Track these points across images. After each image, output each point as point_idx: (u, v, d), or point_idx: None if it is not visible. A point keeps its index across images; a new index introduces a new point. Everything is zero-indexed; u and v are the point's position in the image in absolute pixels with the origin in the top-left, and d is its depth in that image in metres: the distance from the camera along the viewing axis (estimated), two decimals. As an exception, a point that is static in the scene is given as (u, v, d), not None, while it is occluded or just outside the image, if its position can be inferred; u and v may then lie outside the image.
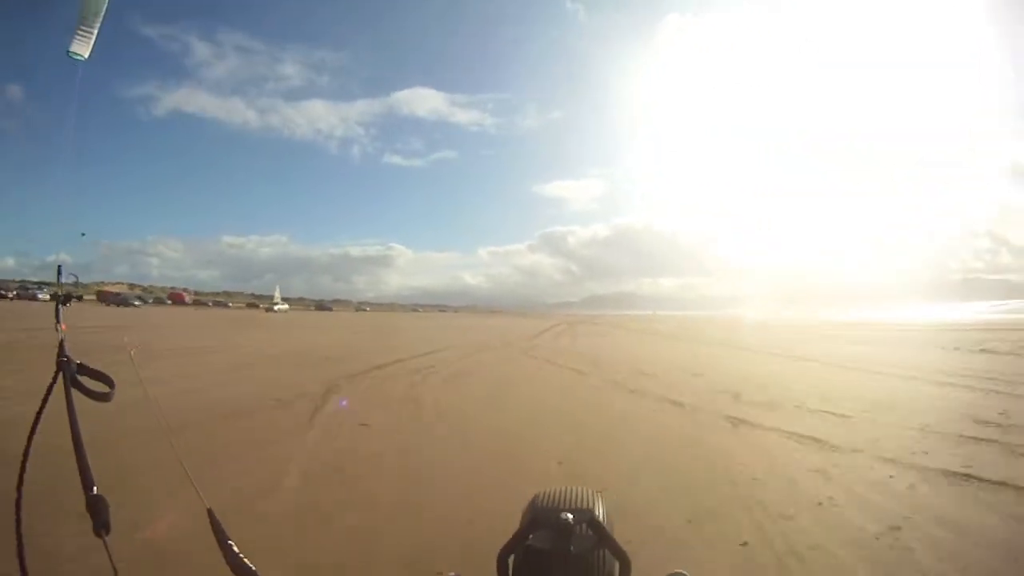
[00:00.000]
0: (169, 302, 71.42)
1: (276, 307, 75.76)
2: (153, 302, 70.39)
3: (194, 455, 4.34)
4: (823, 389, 8.58)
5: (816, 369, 11.92)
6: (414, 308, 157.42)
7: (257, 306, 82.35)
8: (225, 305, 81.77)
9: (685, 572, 0.78)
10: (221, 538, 0.75)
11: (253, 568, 0.71)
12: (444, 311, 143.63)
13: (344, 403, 7.19)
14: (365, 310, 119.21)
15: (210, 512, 0.81)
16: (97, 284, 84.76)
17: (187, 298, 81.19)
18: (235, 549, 0.73)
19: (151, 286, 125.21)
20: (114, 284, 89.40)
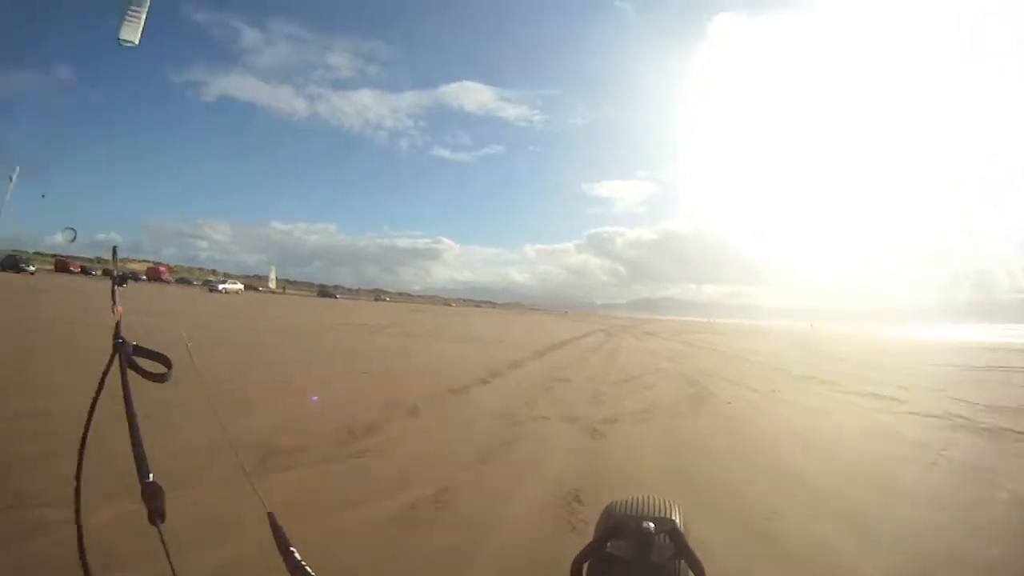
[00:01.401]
0: (144, 278, 58.95)
1: (221, 286, 56.99)
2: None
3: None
4: None
5: None
6: (446, 303, 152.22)
7: (208, 286, 60.63)
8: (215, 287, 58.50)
9: None
10: (282, 544, 0.73)
11: (313, 574, 0.69)
12: (479, 307, 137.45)
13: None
14: (384, 300, 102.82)
15: (271, 516, 0.79)
16: (147, 262, 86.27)
17: (166, 274, 69.12)
18: (297, 556, 0.71)
19: (198, 268, 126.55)
20: (148, 263, 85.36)
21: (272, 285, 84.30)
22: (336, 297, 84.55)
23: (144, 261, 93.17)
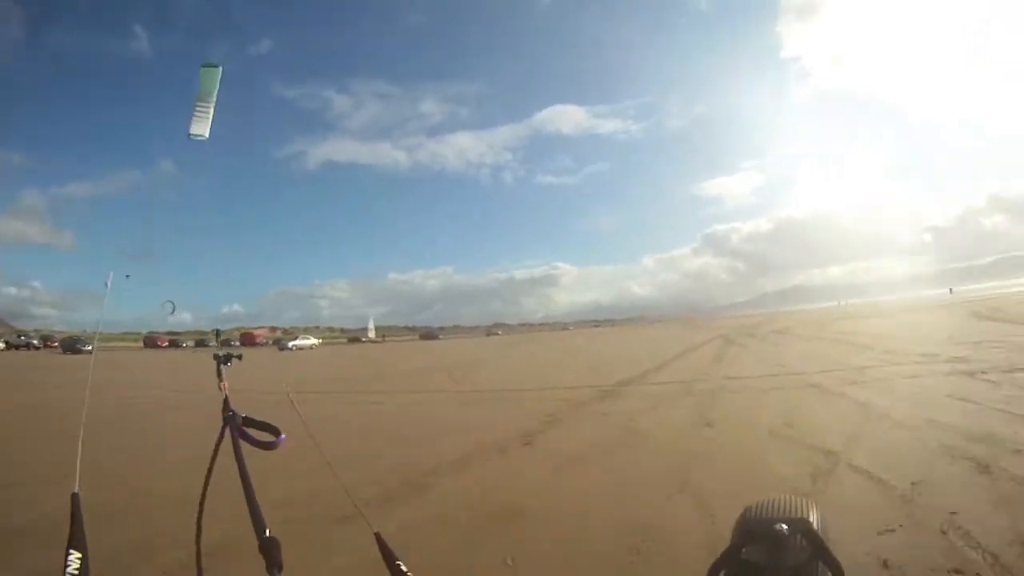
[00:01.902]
0: (236, 343, 57.89)
1: (292, 343, 51.98)
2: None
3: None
4: None
5: None
6: (564, 327, 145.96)
7: (279, 345, 54.58)
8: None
9: None
10: (389, 559, 0.79)
11: None
12: (598, 326, 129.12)
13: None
14: (497, 334, 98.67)
15: (378, 536, 0.87)
16: (245, 328, 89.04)
17: (260, 338, 68.21)
18: (403, 568, 0.78)
19: (318, 327, 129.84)
20: (264, 329, 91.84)
21: (371, 335, 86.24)
22: (439, 338, 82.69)
23: (242, 328, 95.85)
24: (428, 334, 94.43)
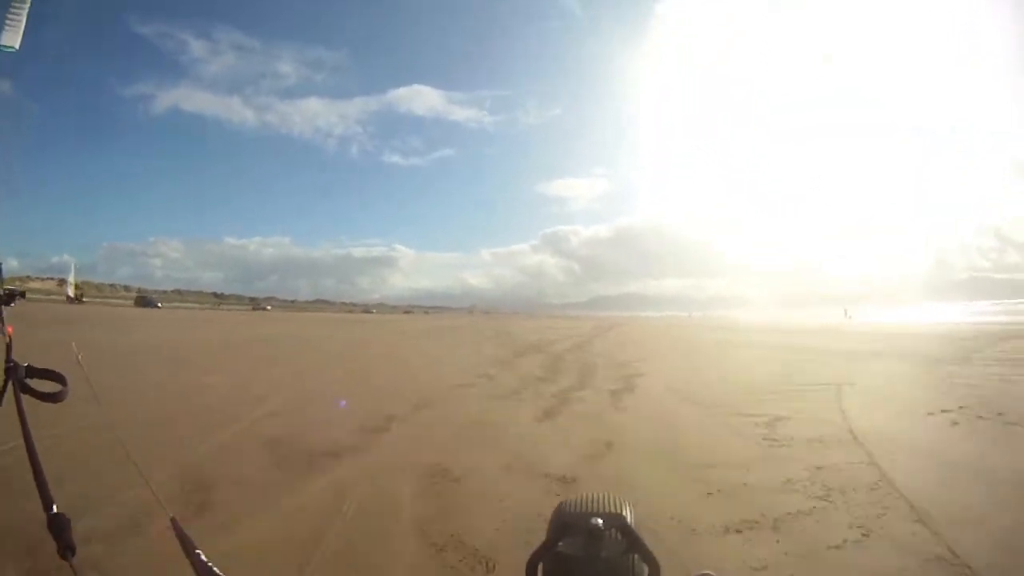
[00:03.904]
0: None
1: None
2: None
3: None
4: None
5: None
6: (407, 311, 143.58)
7: None
8: None
9: (712, 573, 0.77)
10: (188, 547, 0.73)
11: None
12: (410, 312, 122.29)
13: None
14: (266, 309, 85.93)
15: (174, 521, 0.79)
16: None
17: None
18: (203, 557, 0.71)
19: (153, 289, 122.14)
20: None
21: (71, 292, 59.27)
22: (159, 306, 62.22)
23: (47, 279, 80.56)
24: (145, 300, 67.45)
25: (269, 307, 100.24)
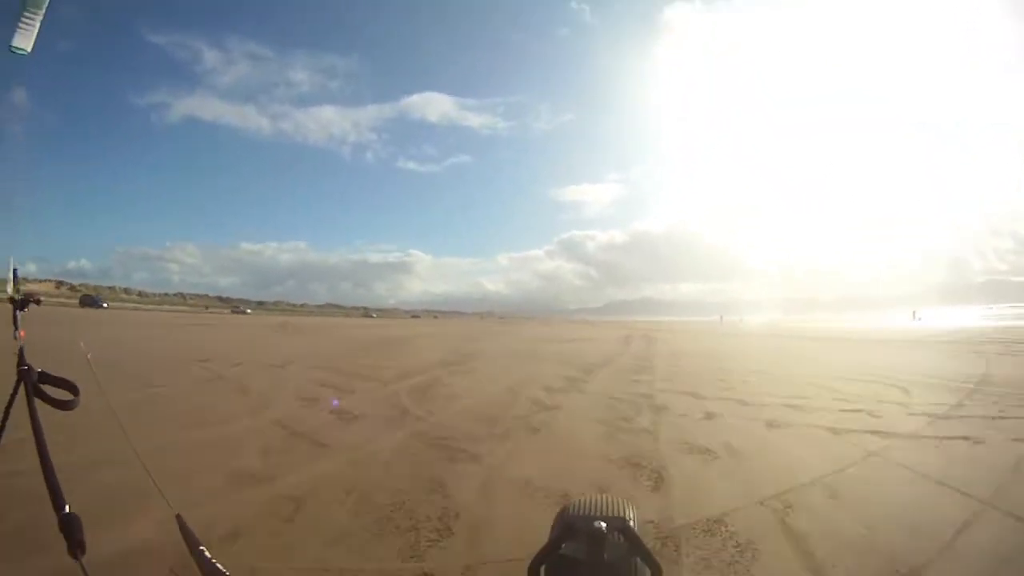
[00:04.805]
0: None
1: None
2: None
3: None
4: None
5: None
6: (367, 313, 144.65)
7: None
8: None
9: None
10: (192, 544, 0.74)
11: (227, 573, 0.70)
12: (417, 317, 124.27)
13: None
14: (246, 312, 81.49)
15: (179, 518, 0.81)
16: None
17: None
18: (207, 554, 0.72)
19: (165, 294, 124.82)
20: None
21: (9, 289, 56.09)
22: (104, 306, 56.73)
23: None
24: (89, 299, 62.68)
25: (249, 310, 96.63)
